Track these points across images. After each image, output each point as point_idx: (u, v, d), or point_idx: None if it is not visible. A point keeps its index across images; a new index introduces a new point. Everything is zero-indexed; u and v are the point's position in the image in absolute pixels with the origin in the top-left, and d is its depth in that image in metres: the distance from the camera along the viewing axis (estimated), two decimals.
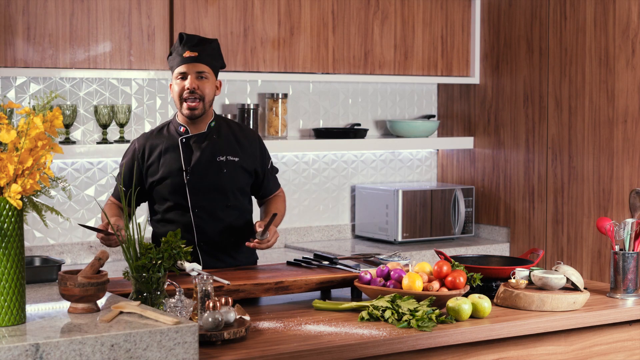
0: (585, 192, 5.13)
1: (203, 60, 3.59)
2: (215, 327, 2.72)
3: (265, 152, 3.79)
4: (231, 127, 3.74)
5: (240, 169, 3.68)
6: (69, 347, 2.33)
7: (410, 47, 5.46)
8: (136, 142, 3.70)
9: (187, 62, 3.57)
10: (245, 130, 3.79)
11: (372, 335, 2.85)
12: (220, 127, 3.71)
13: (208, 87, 3.60)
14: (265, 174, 3.78)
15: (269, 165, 3.80)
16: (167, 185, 3.62)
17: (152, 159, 3.65)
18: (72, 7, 4.47)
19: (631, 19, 4.88)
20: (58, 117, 2.50)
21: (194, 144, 3.66)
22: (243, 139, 3.73)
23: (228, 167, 3.65)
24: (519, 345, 3.12)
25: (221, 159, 3.65)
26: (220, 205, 3.65)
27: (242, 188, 3.70)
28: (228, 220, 3.67)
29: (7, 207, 2.45)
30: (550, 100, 5.30)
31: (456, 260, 3.42)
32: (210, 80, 3.61)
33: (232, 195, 3.67)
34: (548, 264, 5.26)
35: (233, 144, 3.69)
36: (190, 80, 3.56)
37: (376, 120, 5.77)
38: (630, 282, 3.44)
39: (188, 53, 3.57)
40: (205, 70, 3.59)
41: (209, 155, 3.64)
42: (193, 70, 3.57)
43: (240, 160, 3.68)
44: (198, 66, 3.57)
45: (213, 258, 3.67)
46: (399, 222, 5.35)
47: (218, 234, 3.66)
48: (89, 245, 4.79)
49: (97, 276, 2.63)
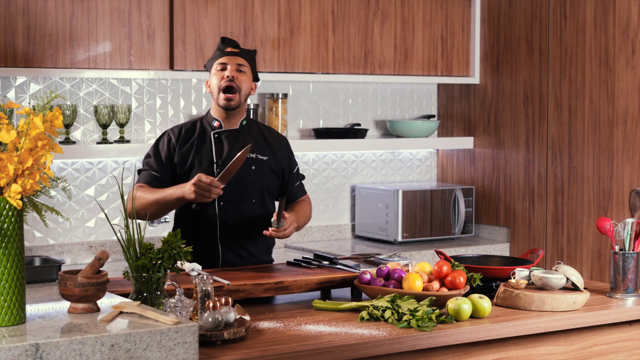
0: (585, 192, 5.13)
1: (243, 56, 3.71)
2: (215, 327, 2.72)
3: (292, 156, 3.87)
4: (261, 129, 3.83)
5: (268, 168, 3.75)
6: (69, 347, 2.33)
7: (410, 47, 5.46)
8: (169, 131, 3.77)
9: (228, 55, 3.69)
10: (274, 133, 3.87)
11: (372, 335, 2.85)
12: (251, 127, 3.79)
13: (245, 81, 3.69)
14: (291, 177, 3.84)
15: (295, 170, 3.87)
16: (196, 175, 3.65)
17: (185, 148, 3.71)
18: (72, 7, 4.47)
19: (631, 19, 4.88)
20: (58, 117, 2.50)
21: (225, 139, 3.73)
22: (272, 140, 3.82)
23: (257, 164, 3.73)
24: (519, 345, 3.12)
25: (251, 156, 3.72)
26: (246, 201, 3.71)
27: (268, 187, 3.77)
28: (251, 217, 3.72)
29: (7, 207, 2.45)
30: (550, 100, 5.30)
31: (456, 260, 3.42)
32: (248, 76, 3.71)
33: (258, 193, 3.73)
34: (548, 264, 5.26)
35: (262, 144, 3.77)
36: (230, 69, 3.67)
37: (376, 120, 5.77)
38: (630, 282, 3.44)
39: (230, 49, 3.71)
40: (245, 64, 3.70)
41: (239, 150, 3.68)
42: (234, 62, 3.68)
43: (268, 159, 3.76)
44: (238, 59, 3.69)
45: (232, 252, 3.71)
46: (399, 222, 5.35)
47: (240, 228, 3.70)
48: (89, 245, 4.79)
49: (97, 276, 2.63)
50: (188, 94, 5.08)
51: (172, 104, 5.04)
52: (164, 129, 4.99)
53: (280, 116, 5.21)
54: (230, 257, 3.71)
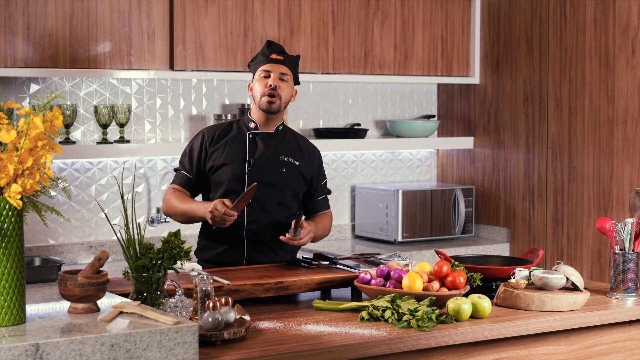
0: (585, 192, 5.13)
1: (287, 64, 3.77)
2: (215, 327, 2.72)
3: (322, 168, 3.93)
4: (295, 136, 3.91)
5: (298, 173, 3.81)
6: (69, 347, 2.33)
7: (410, 47, 5.46)
8: (205, 131, 3.84)
9: (273, 62, 3.75)
10: (308, 143, 3.94)
11: (372, 335, 2.85)
12: (286, 132, 3.87)
13: (287, 89, 3.76)
14: (318, 188, 3.90)
15: (323, 183, 3.93)
16: (228, 170, 3.75)
17: (218, 145, 3.78)
18: (72, 7, 4.47)
19: (631, 19, 4.88)
20: (58, 117, 2.50)
21: (260, 140, 3.79)
22: (305, 148, 3.89)
23: (288, 167, 3.79)
24: (519, 345, 3.12)
25: (283, 159, 3.79)
26: (273, 201, 3.76)
27: (296, 191, 3.82)
28: (278, 217, 3.76)
29: (7, 207, 2.45)
30: (550, 100, 5.30)
31: (456, 260, 3.42)
32: (290, 84, 3.77)
33: (286, 194, 3.78)
34: (548, 264, 5.26)
35: (296, 150, 3.84)
36: (273, 77, 3.73)
37: (376, 120, 5.77)
38: (630, 282, 3.44)
39: (275, 55, 3.76)
40: (288, 73, 3.76)
41: (272, 152, 3.78)
42: (277, 70, 3.74)
43: (300, 165, 3.81)
44: (282, 67, 3.75)
45: (257, 250, 3.75)
46: (399, 222, 5.35)
47: (266, 227, 3.75)
48: (89, 245, 4.79)
49: (97, 276, 2.63)
50: (188, 94, 5.08)
51: (172, 104, 5.04)
52: (164, 129, 5.00)
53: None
54: (254, 254, 3.75)
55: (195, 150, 3.80)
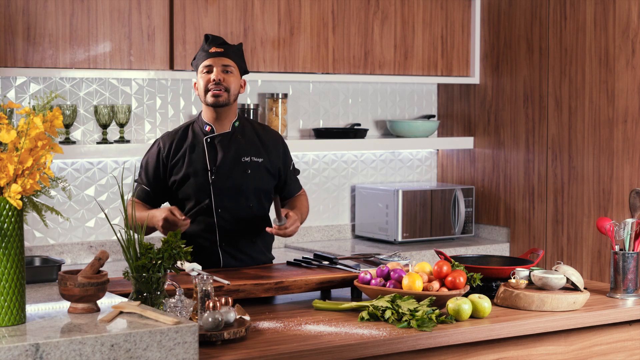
0: (585, 192, 5.13)
1: (228, 55, 3.65)
2: (215, 327, 2.72)
3: (287, 153, 3.83)
4: (255, 128, 3.78)
5: (264, 170, 3.72)
6: (69, 347, 2.33)
7: (410, 47, 5.46)
8: (160, 141, 3.73)
9: (213, 56, 3.63)
10: (268, 131, 3.82)
11: (372, 335, 2.85)
12: (244, 128, 3.75)
13: (233, 81, 3.64)
14: (288, 175, 3.82)
15: (291, 167, 3.84)
16: (192, 184, 3.65)
17: (177, 158, 3.68)
18: (72, 7, 4.47)
19: (631, 19, 4.88)
20: (58, 117, 2.50)
21: (218, 144, 3.69)
22: (267, 139, 3.77)
23: (252, 168, 3.69)
24: (519, 345, 3.12)
25: (245, 160, 3.69)
26: (243, 207, 3.69)
27: (265, 190, 3.74)
28: (249, 221, 3.70)
29: (7, 207, 2.45)
30: (550, 100, 5.30)
31: (456, 260, 3.42)
32: (235, 75, 3.65)
33: (254, 197, 3.71)
34: (548, 264, 5.26)
35: (257, 145, 3.73)
36: (215, 72, 3.61)
37: (376, 120, 5.77)
38: (630, 282, 3.44)
39: (214, 49, 3.64)
40: (231, 64, 3.64)
41: (233, 155, 3.67)
42: (219, 64, 3.62)
43: (264, 161, 3.72)
44: (224, 60, 3.63)
45: (233, 258, 3.70)
46: (399, 222, 5.35)
47: (239, 234, 3.69)
48: (89, 245, 4.79)
49: (97, 276, 2.64)
50: (188, 94, 5.08)
51: (172, 104, 5.04)
52: (164, 129, 4.99)
53: (280, 116, 5.21)
54: (230, 262, 3.70)
55: (151, 163, 3.69)
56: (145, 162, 3.72)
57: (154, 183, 3.69)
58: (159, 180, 3.69)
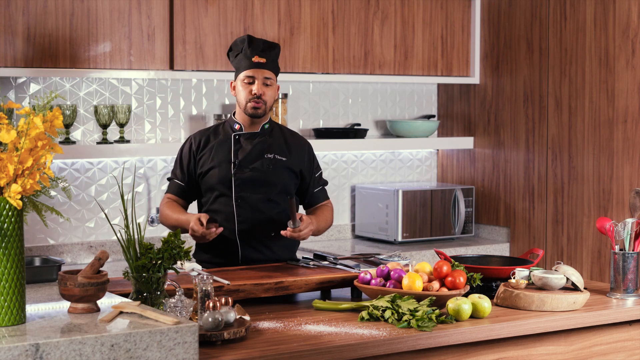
0: (585, 192, 5.13)
1: (269, 67, 3.75)
2: (215, 327, 2.72)
3: (314, 160, 3.92)
4: (283, 131, 3.90)
5: (286, 168, 3.81)
6: (69, 347, 2.33)
7: (410, 47, 5.46)
8: (192, 137, 3.87)
9: (256, 67, 3.72)
10: (296, 136, 3.93)
11: (372, 335, 2.85)
12: (273, 129, 3.86)
13: (271, 93, 3.76)
14: (312, 180, 3.89)
15: (317, 175, 3.92)
16: (215, 174, 3.77)
17: (205, 150, 3.81)
18: (72, 7, 4.47)
19: (631, 19, 4.88)
20: (58, 117, 2.50)
21: (245, 141, 3.81)
22: (293, 142, 3.87)
23: (274, 164, 3.79)
24: (519, 345, 3.12)
25: (269, 156, 3.79)
26: (262, 198, 3.76)
27: (285, 186, 3.81)
28: (269, 214, 3.76)
29: (7, 207, 2.45)
30: (550, 100, 5.30)
31: (456, 260, 3.42)
32: (273, 87, 3.77)
33: (274, 190, 3.78)
34: (548, 264, 5.26)
35: (282, 145, 3.84)
36: (257, 85, 3.71)
37: (376, 120, 5.77)
38: (630, 282, 3.44)
39: (257, 58, 3.73)
40: (271, 77, 3.75)
41: (258, 151, 3.79)
42: (261, 76, 3.73)
43: (287, 160, 3.81)
44: (265, 72, 3.73)
45: (252, 249, 3.76)
46: (399, 222, 5.35)
47: (257, 225, 3.75)
48: (89, 245, 4.79)
49: (97, 276, 2.64)
50: (188, 94, 5.08)
51: (172, 104, 5.04)
52: (164, 129, 5.00)
53: (280, 116, 5.21)
54: (249, 253, 3.76)
55: (185, 158, 3.83)
56: (180, 158, 3.85)
57: (188, 177, 3.82)
58: (192, 174, 3.82)
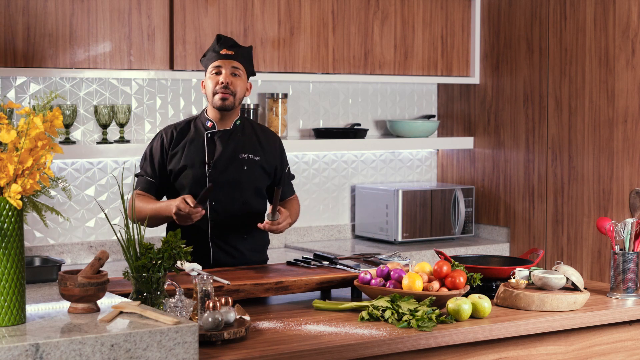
0: (585, 192, 5.13)
1: (238, 59, 3.72)
2: (215, 327, 2.72)
3: (284, 155, 3.90)
4: (254, 128, 3.86)
5: (260, 168, 3.78)
6: (69, 347, 2.33)
7: (410, 47, 5.46)
8: (162, 132, 3.81)
9: (223, 58, 3.70)
10: (267, 132, 3.90)
11: (372, 335, 2.85)
12: (244, 126, 3.81)
13: (240, 85, 3.71)
14: (283, 177, 3.87)
15: (286, 170, 3.90)
16: (188, 175, 3.72)
17: (177, 149, 3.76)
18: (72, 7, 4.47)
19: (631, 19, 4.88)
20: (58, 117, 2.50)
21: (218, 140, 3.76)
22: (265, 139, 3.84)
23: (249, 165, 3.75)
24: (519, 345, 3.12)
25: (243, 157, 3.75)
26: (237, 202, 3.74)
27: (259, 188, 3.80)
28: (242, 217, 3.74)
29: (7, 207, 2.45)
30: (550, 100, 5.30)
31: (456, 260, 3.42)
32: (242, 79, 3.73)
33: (249, 193, 3.76)
34: (548, 264, 5.26)
35: (255, 144, 3.80)
36: (224, 74, 3.69)
37: (376, 120, 5.77)
38: (630, 282, 3.44)
39: (225, 51, 3.71)
40: (240, 67, 3.72)
41: (231, 151, 3.74)
42: (228, 66, 3.70)
43: (261, 160, 3.78)
44: (233, 62, 3.70)
45: (222, 251, 3.73)
46: (399, 222, 5.35)
47: (231, 228, 3.73)
48: (89, 245, 4.79)
49: (97, 276, 2.64)
50: (188, 94, 5.08)
51: (172, 104, 5.04)
52: None
53: (280, 116, 5.21)
54: (221, 256, 3.73)
55: (156, 154, 3.77)
56: (150, 154, 3.78)
57: (160, 173, 3.75)
58: (164, 171, 3.76)
